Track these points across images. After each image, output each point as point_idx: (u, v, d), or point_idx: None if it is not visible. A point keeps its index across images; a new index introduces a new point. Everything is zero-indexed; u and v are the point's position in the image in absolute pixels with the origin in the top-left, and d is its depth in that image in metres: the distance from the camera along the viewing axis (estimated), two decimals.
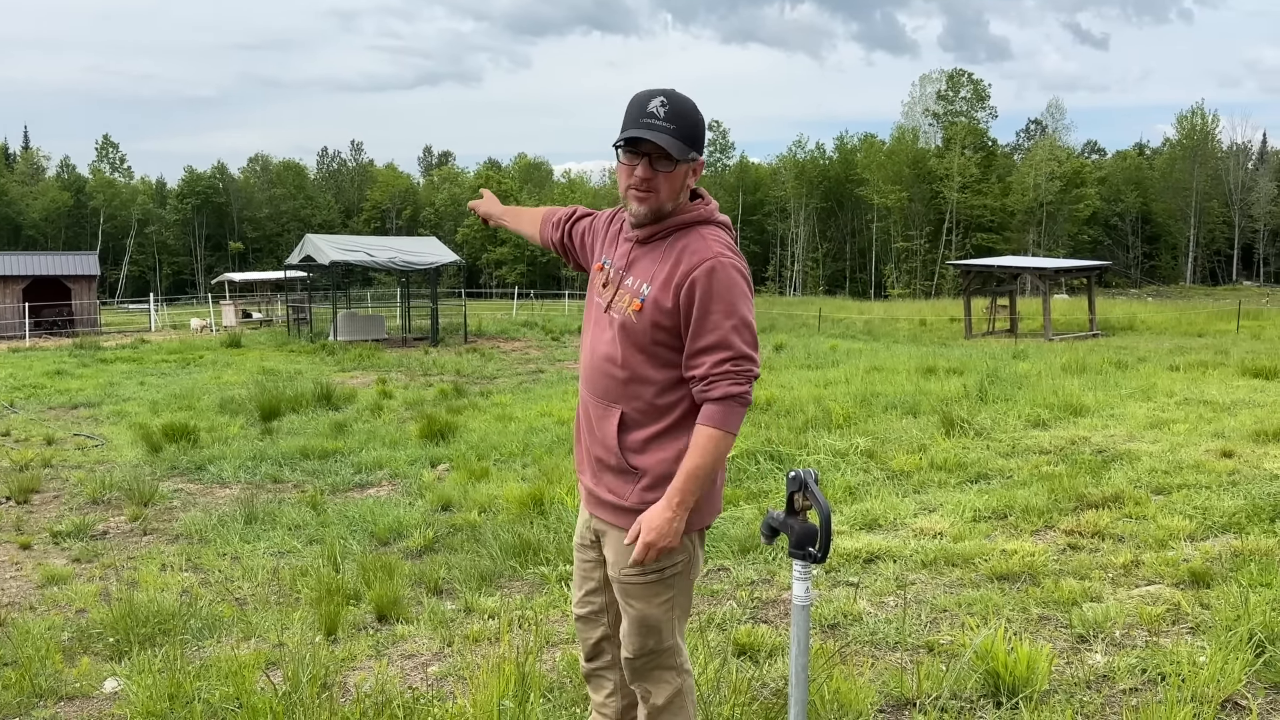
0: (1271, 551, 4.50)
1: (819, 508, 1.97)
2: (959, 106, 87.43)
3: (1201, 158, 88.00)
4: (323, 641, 4.31)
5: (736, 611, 4.34)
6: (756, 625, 4.11)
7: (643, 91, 2.22)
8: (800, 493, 2.01)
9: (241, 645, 4.37)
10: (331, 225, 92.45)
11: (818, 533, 1.99)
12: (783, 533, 2.07)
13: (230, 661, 3.91)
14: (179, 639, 4.41)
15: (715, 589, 4.73)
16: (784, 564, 5.06)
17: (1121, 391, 10.26)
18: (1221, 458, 6.63)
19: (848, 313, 41.19)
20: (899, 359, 15.79)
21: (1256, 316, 35.73)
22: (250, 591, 5.43)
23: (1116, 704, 3.18)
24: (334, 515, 7.47)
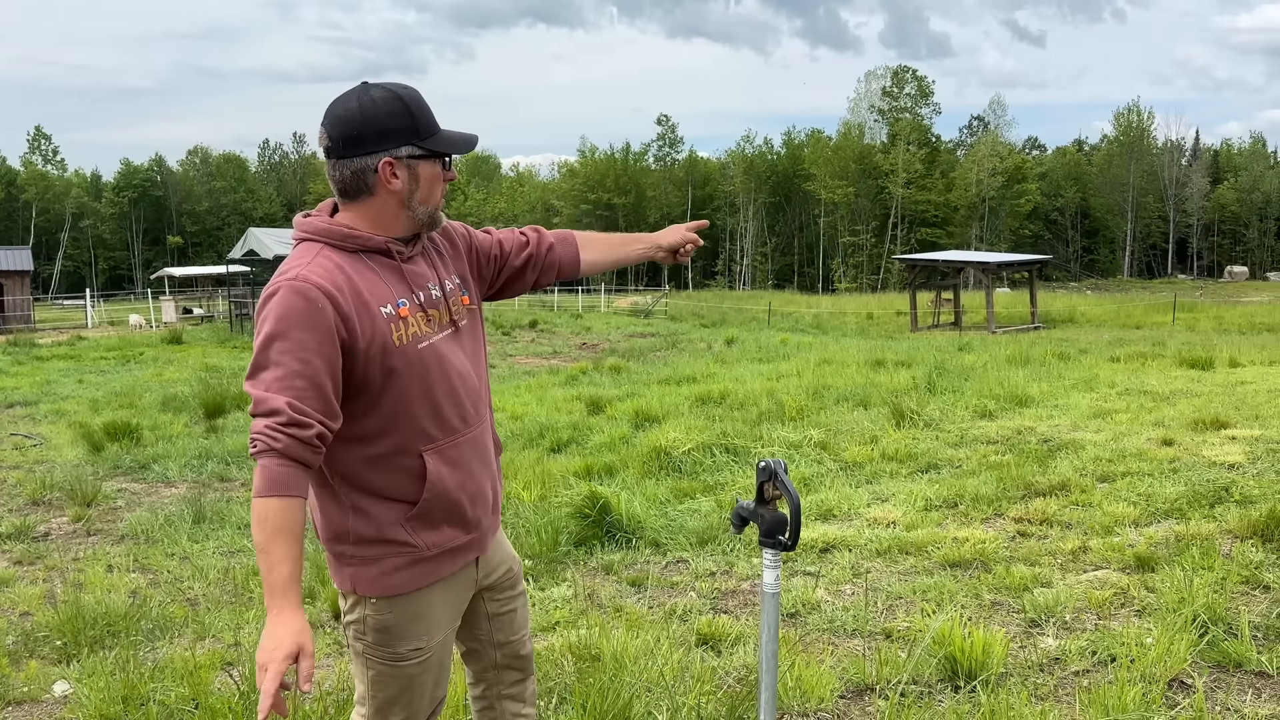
0: (1212, 536, 4.65)
1: (789, 497, 2.00)
2: (903, 103, 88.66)
3: (1138, 154, 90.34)
4: None
5: (697, 603, 4.37)
6: (717, 616, 4.15)
7: (413, 89, 2.00)
8: (770, 482, 2.04)
9: (196, 646, 4.30)
10: (274, 219, 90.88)
11: (787, 521, 2.02)
12: (752, 522, 2.09)
13: (185, 662, 3.85)
14: (130, 641, 4.32)
15: (675, 581, 4.75)
16: (741, 555, 5.11)
17: (1065, 382, 10.50)
18: (1162, 446, 6.82)
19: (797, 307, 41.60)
20: (848, 352, 15.99)
21: (1191, 309, 36.80)
22: (202, 591, 5.34)
23: (1069, 685, 3.26)
24: None
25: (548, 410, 12.15)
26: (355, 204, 2.00)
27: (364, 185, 1.96)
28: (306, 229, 2.00)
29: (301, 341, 1.83)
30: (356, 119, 1.93)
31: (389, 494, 1.98)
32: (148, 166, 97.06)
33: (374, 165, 1.94)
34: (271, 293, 1.88)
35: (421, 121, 1.97)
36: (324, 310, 1.85)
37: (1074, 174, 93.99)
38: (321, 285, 1.86)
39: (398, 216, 2.02)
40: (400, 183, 1.97)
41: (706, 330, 29.25)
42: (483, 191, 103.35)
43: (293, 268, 1.91)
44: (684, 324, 33.36)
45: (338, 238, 1.97)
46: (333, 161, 1.97)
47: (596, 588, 4.68)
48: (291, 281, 1.86)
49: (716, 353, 20.09)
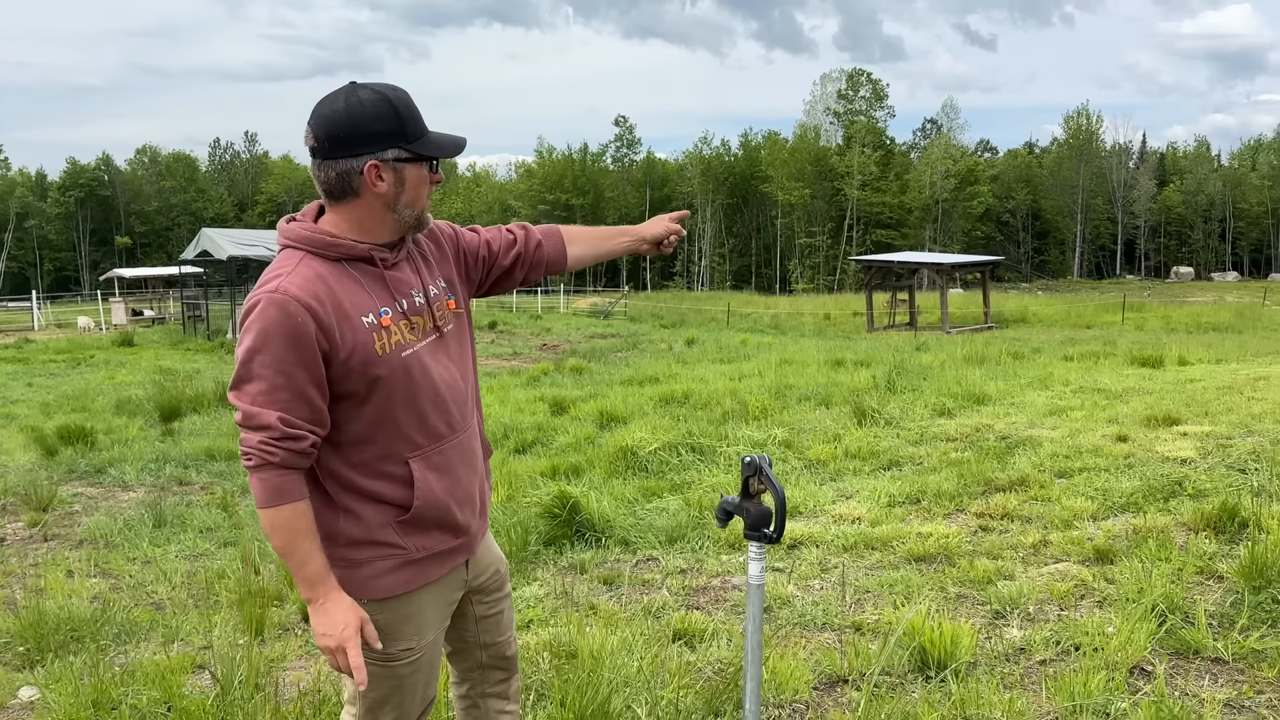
0: (1168, 528, 4.79)
1: (773, 491, 2.05)
2: (858, 106, 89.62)
3: (1087, 157, 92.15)
4: (250, 642, 4.22)
5: (669, 599, 4.41)
6: (690, 612, 4.19)
7: (403, 90, 2.00)
8: (755, 477, 2.08)
9: (164, 649, 4.25)
10: (225, 219, 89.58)
11: (772, 514, 2.07)
12: (737, 515, 2.14)
13: (156, 665, 3.82)
14: (96, 645, 4.27)
15: (646, 578, 4.79)
16: (710, 552, 5.17)
17: (1020, 381, 10.71)
18: (1117, 442, 6.99)
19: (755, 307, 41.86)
20: (808, 352, 16.15)
21: (1140, 309, 37.62)
22: (168, 595, 5.27)
23: (1035, 674, 3.35)
24: (247, 516, 7.29)
25: (511, 411, 12.13)
26: (340, 206, 1.98)
27: (349, 187, 1.95)
28: (289, 236, 1.99)
29: (282, 355, 1.84)
30: (343, 120, 1.91)
31: (379, 498, 1.99)
32: (95, 166, 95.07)
33: (359, 168, 1.92)
34: (253, 304, 1.88)
35: (409, 124, 1.95)
36: (304, 323, 1.85)
37: (1025, 176, 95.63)
38: (300, 298, 1.86)
39: (383, 219, 2.00)
40: (386, 186, 1.95)
41: (666, 331, 29.35)
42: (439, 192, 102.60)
43: (273, 278, 1.90)
44: (644, 325, 33.43)
45: (320, 246, 1.95)
46: (318, 162, 1.95)
47: (569, 586, 4.71)
48: (271, 294, 1.86)
49: (677, 353, 20.18)
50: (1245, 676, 3.19)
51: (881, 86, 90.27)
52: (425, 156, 1.99)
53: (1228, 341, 19.58)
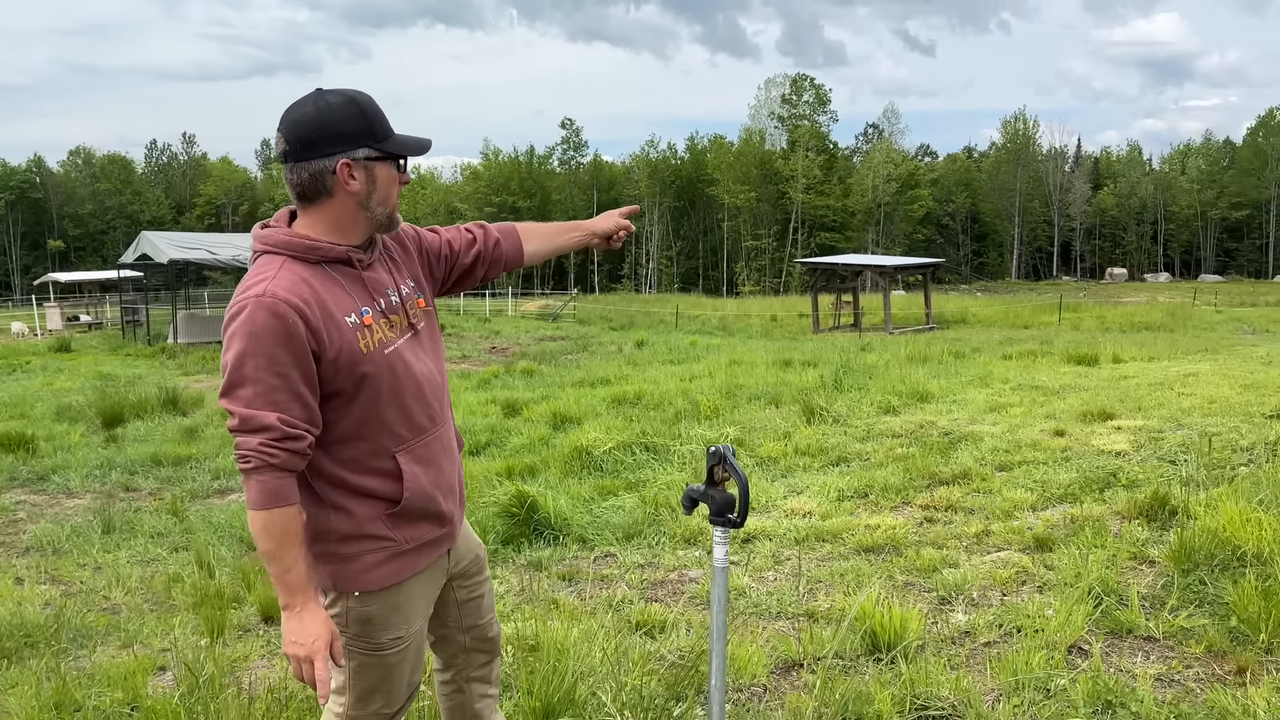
0: (1103, 517, 5.01)
1: (737, 478, 2.16)
2: (802, 110, 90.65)
3: (1024, 161, 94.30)
4: (212, 643, 4.24)
5: (628, 593, 4.51)
6: (649, 604, 4.30)
7: (367, 94, 2.06)
8: (720, 465, 2.19)
9: (123, 653, 4.24)
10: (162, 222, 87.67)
11: (735, 501, 2.18)
12: (702, 503, 2.24)
13: (116, 667, 3.82)
14: (52, 650, 4.24)
15: (605, 574, 4.89)
16: (666, 547, 5.28)
17: (962, 379, 11.00)
18: (1054, 436, 7.25)
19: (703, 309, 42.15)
20: (756, 353, 16.36)
21: (1075, 309, 38.62)
22: (123, 600, 5.23)
23: (980, 655, 3.52)
24: (198, 521, 7.24)
25: (463, 414, 12.13)
26: (314, 208, 2.03)
27: (322, 187, 2.00)
28: (268, 241, 2.02)
29: (275, 356, 1.88)
30: (313, 122, 1.97)
31: (369, 493, 2.04)
32: (25, 167, 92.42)
33: (331, 167, 1.98)
34: (239, 309, 1.90)
35: (377, 125, 2.02)
36: (294, 325, 1.89)
37: (964, 180, 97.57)
38: (289, 300, 1.90)
39: (356, 219, 2.05)
40: (358, 184, 2.01)
41: (616, 333, 29.46)
42: None
43: (258, 282, 1.93)
44: (593, 327, 33.51)
45: (300, 250, 1.99)
46: (290, 165, 2.00)
47: (530, 583, 4.78)
48: (260, 298, 1.89)
49: (628, 355, 20.29)
50: (1175, 653, 3.38)
51: (824, 91, 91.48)
52: (393, 155, 2.05)
53: (1159, 340, 20.23)
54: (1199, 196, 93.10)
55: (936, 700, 3.10)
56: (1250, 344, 18.83)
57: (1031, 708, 3.01)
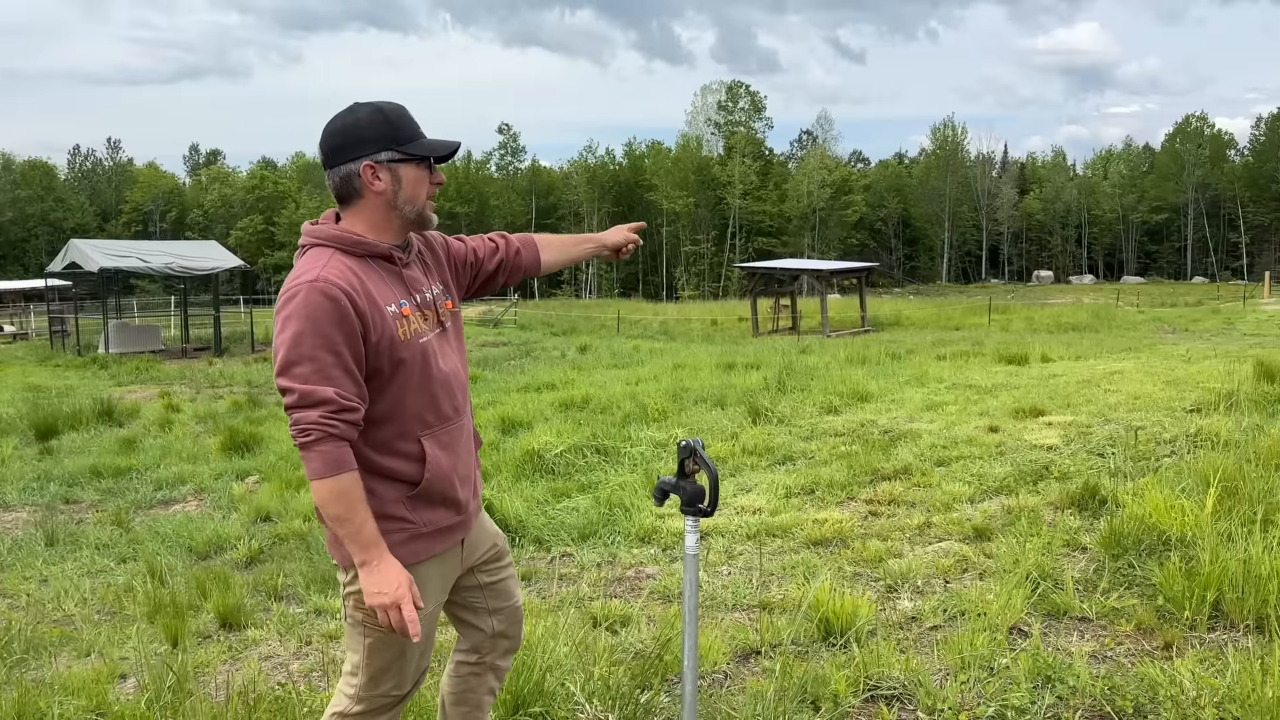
0: (1037, 508, 5.25)
1: (707, 470, 2.29)
2: (738, 117, 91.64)
3: (953, 167, 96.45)
4: (171, 651, 4.24)
5: (587, 591, 4.62)
6: (609, 600, 4.41)
7: (400, 105, 2.23)
8: (690, 458, 2.32)
9: (80, 662, 4.22)
10: (86, 229, 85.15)
11: (705, 492, 2.31)
12: (674, 494, 2.37)
13: (77, 676, 3.81)
14: (6, 663, 4.20)
15: (563, 573, 4.99)
16: (622, 546, 5.40)
17: (899, 379, 11.31)
18: (989, 432, 7.53)
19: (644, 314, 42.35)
20: (699, 357, 16.57)
21: (1004, 311, 39.68)
22: (75, 611, 5.18)
23: (927, 638, 3.70)
24: (145, 532, 7.17)
25: None
26: (350, 209, 2.20)
27: (352, 189, 2.17)
28: (317, 235, 2.18)
29: (329, 336, 2.02)
30: (339, 131, 2.16)
31: (392, 474, 2.16)
32: None
33: (356, 170, 2.15)
34: (294, 294, 2.05)
35: (401, 129, 2.18)
36: (345, 307, 2.04)
37: (896, 185, 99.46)
38: (340, 285, 2.05)
39: (389, 217, 2.21)
40: (383, 184, 2.16)
41: (558, 338, 29.47)
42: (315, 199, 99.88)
43: (310, 270, 2.08)
44: (535, 332, 33.46)
45: (348, 243, 2.15)
46: (327, 172, 2.19)
47: None
48: (313, 282, 2.04)
49: (571, 360, 20.37)
50: (1107, 631, 3.60)
51: (760, 99, 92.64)
52: (417, 156, 2.19)
53: (1085, 340, 20.94)
54: (1121, 201, 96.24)
55: (888, 681, 3.26)
56: (1171, 343, 19.60)
57: (977, 685, 3.19)
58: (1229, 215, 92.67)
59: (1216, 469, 4.74)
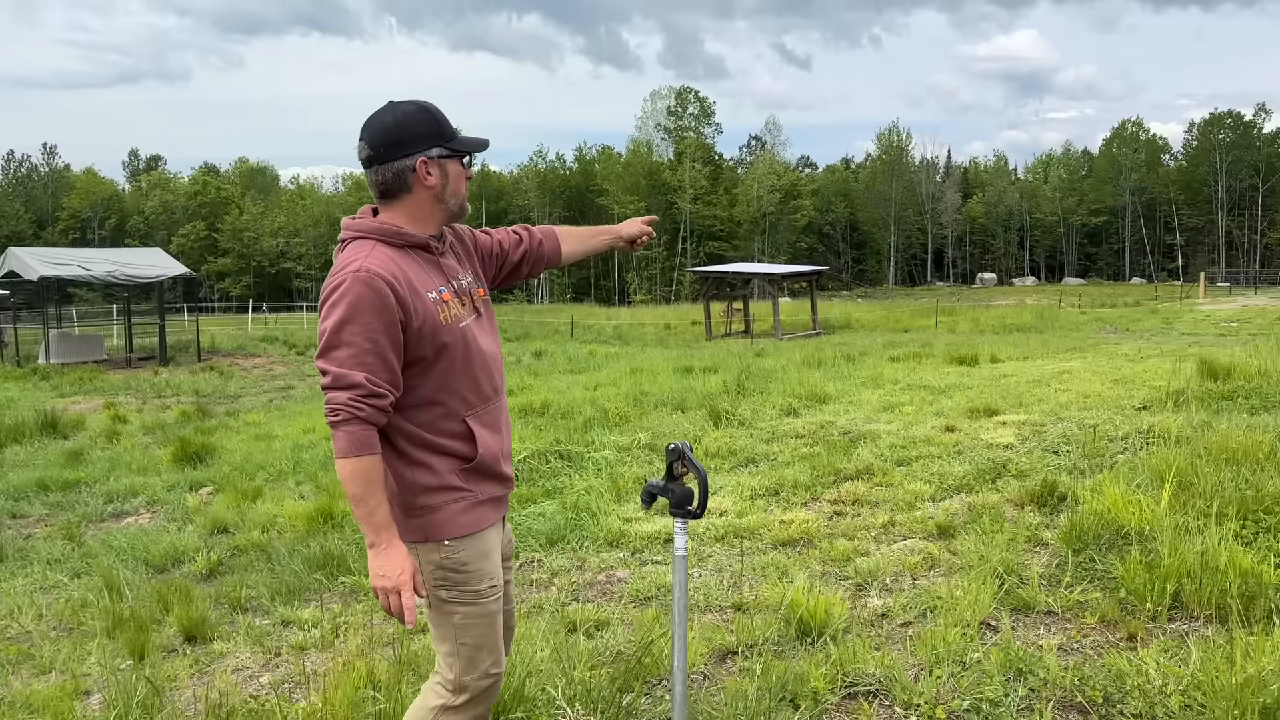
0: (998, 505, 5.36)
1: (696, 472, 2.31)
2: (688, 122, 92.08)
3: (898, 171, 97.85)
4: (136, 665, 4.16)
5: (558, 596, 4.62)
6: (581, 605, 4.41)
7: (431, 103, 2.31)
8: (679, 461, 2.34)
9: (40, 679, 4.12)
10: (22, 237, 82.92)
11: (694, 494, 2.33)
12: (662, 497, 2.39)
13: (38, 694, 3.72)
14: None
15: (533, 579, 4.98)
16: (590, 550, 5.40)
17: (855, 381, 11.46)
18: (946, 432, 7.66)
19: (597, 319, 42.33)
20: (656, 361, 16.61)
21: (951, 313, 40.33)
22: (28, 628, 5.05)
23: (899, 634, 3.76)
24: (97, 546, 7.00)
25: None
26: (396, 203, 2.29)
27: (404, 184, 2.26)
28: (359, 228, 2.27)
29: (369, 324, 2.11)
30: (393, 128, 2.24)
31: (446, 450, 2.26)
32: None
33: (412, 165, 2.25)
34: (339, 283, 2.14)
35: (445, 127, 2.29)
36: (386, 296, 2.13)
37: (843, 190, 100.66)
38: (383, 275, 2.14)
39: (433, 210, 2.31)
40: (435, 179, 2.28)
41: (512, 344, 29.32)
42: (260, 205, 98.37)
43: (354, 260, 2.16)
44: None
45: (389, 234, 2.25)
46: (375, 168, 2.26)
47: None
48: (357, 273, 2.14)
49: (527, 365, 20.29)
50: (1073, 624, 3.69)
51: (709, 104, 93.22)
52: (461, 151, 2.32)
53: (1031, 340, 21.37)
54: (1061, 204, 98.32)
55: (864, 677, 3.31)
56: (1113, 342, 20.10)
57: (951, 679, 3.25)
58: (1164, 218, 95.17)
59: (1170, 465, 4.88)
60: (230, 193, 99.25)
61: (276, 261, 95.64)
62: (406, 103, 2.29)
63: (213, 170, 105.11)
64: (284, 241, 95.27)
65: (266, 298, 74.12)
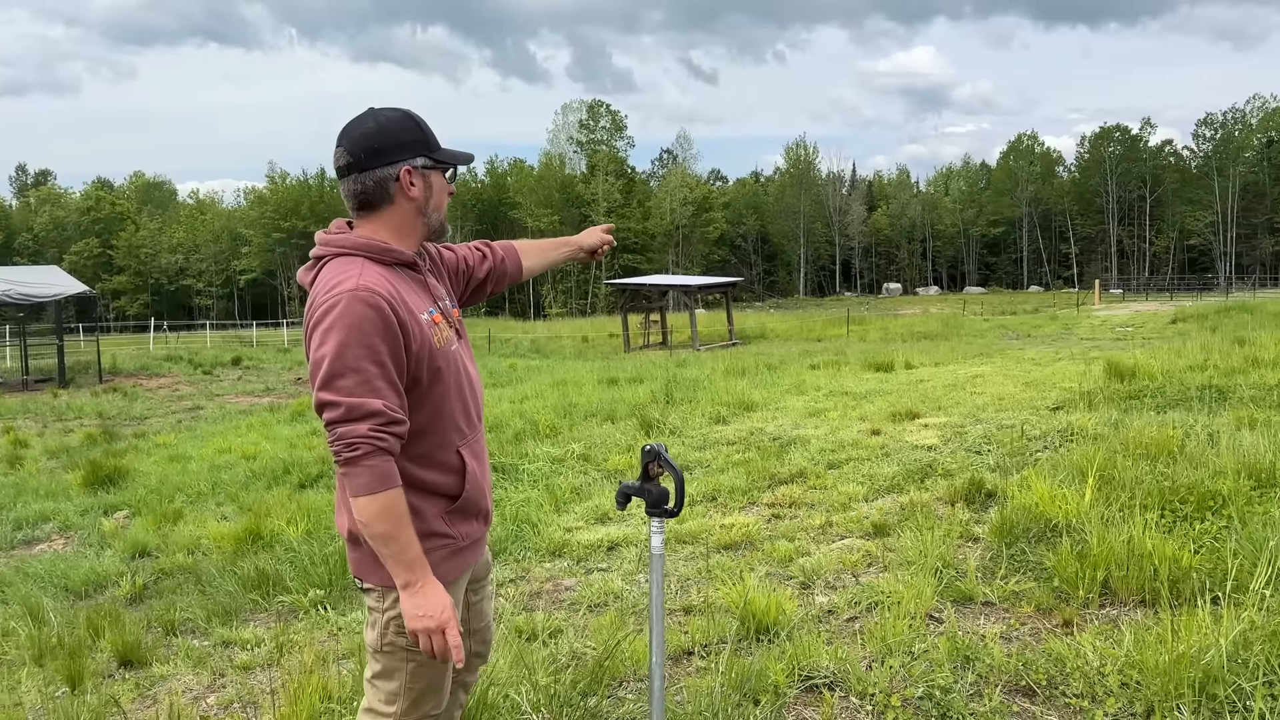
0: (928, 503, 5.55)
1: (672, 472, 2.37)
2: (600, 135, 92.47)
3: (806, 185, 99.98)
4: (73, 693, 4.02)
5: (506, 606, 4.62)
6: (530, 614, 4.43)
7: (409, 110, 2.17)
8: (654, 462, 2.39)
9: None
10: None
11: (670, 494, 2.39)
12: (637, 497, 2.44)
13: None
14: None
15: None
16: (534, 561, 5.41)
17: (779, 389, 11.68)
18: (872, 435, 7.89)
19: (513, 332, 42.12)
20: (580, 373, 16.64)
21: (861, 322, 41.33)
22: None
23: (847, 629, 3.87)
24: (12, 574, 6.72)
25: (283, 448, 11.72)
26: (375, 215, 2.13)
27: (385, 194, 2.11)
28: (340, 244, 2.10)
29: (374, 346, 1.96)
30: (377, 134, 2.09)
31: (433, 489, 2.11)
32: None
33: (395, 174, 2.10)
34: (332, 304, 1.97)
35: (430, 137, 2.16)
36: (389, 316, 1.98)
37: (753, 203, 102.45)
38: (382, 294, 1.99)
39: (414, 224, 2.17)
40: (418, 190, 2.13)
41: None
42: (157, 220, 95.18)
43: (347, 278, 2.00)
44: None
45: (376, 251, 2.09)
46: (354, 176, 2.10)
47: None
48: (354, 292, 1.97)
49: None
50: (1011, 613, 3.86)
51: (620, 118, 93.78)
52: (447, 163, 2.19)
53: (940, 347, 22.05)
54: (961, 215, 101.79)
55: (819, 671, 3.41)
56: (1017, 348, 20.88)
57: (902, 668, 3.37)
58: (1060, 228, 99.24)
59: (1091, 460, 5.13)
60: (126, 208, 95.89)
61: (175, 279, 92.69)
62: (389, 109, 2.15)
63: (106, 185, 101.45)
64: (183, 258, 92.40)
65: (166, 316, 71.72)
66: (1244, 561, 3.65)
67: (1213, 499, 4.43)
